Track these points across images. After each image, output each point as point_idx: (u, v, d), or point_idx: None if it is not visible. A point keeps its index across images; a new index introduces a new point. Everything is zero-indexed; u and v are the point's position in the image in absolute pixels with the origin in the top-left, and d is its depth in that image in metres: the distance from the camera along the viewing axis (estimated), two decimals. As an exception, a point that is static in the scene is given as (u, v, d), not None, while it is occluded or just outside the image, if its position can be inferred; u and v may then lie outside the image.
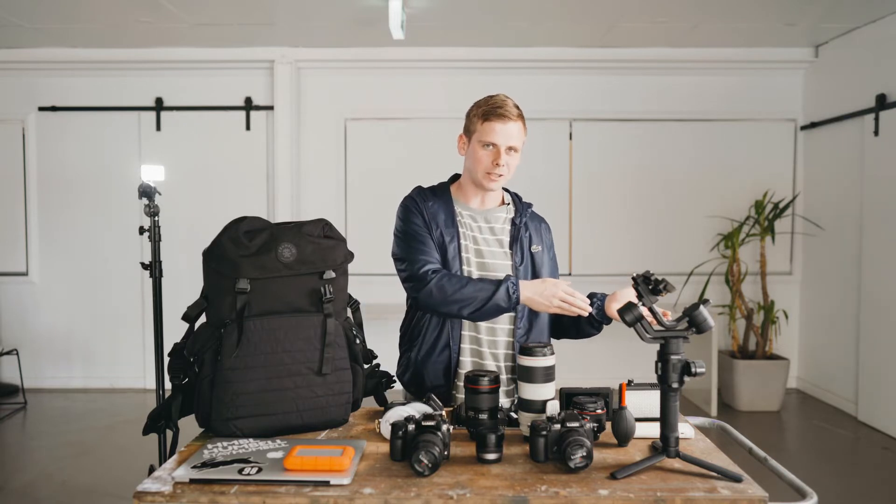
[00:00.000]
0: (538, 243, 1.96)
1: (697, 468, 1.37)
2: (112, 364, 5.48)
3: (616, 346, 4.95)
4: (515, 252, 1.91)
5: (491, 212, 1.96)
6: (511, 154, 1.87)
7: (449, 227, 1.90)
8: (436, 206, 1.93)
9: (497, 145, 1.85)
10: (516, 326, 1.90)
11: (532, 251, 1.94)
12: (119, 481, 3.56)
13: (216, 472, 1.31)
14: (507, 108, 1.86)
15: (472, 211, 1.95)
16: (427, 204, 1.93)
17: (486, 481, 1.31)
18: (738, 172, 5.39)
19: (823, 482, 3.50)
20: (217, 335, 1.58)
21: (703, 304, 1.42)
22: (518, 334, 1.90)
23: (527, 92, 5.37)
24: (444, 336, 1.90)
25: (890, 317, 4.33)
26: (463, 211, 1.95)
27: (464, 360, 1.91)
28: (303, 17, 4.54)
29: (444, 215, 1.92)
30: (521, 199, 2.02)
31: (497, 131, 1.85)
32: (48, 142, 5.44)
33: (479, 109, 1.89)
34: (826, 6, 4.27)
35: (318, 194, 5.42)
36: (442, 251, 1.89)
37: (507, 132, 1.85)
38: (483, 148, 1.87)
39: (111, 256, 5.43)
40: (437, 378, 1.92)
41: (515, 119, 1.86)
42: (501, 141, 1.85)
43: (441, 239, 1.89)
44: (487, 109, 1.86)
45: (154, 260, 2.89)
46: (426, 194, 1.97)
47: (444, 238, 1.89)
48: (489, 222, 1.94)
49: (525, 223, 1.95)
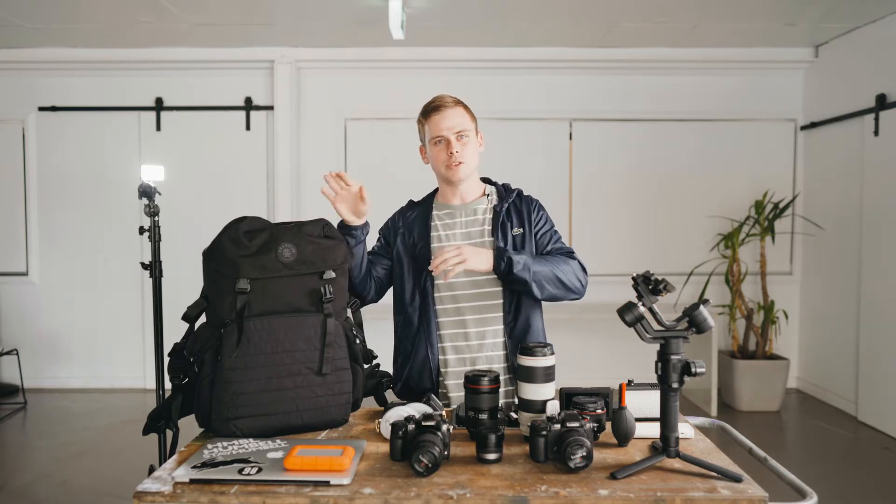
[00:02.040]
0: (519, 226, 1.95)
1: (697, 468, 1.37)
2: (112, 364, 5.48)
3: (616, 346, 4.95)
4: (497, 239, 1.92)
5: (471, 204, 2.00)
6: (463, 140, 1.92)
7: (423, 234, 1.98)
8: (413, 216, 2.03)
9: (444, 136, 1.91)
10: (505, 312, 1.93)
11: (513, 234, 1.94)
12: (119, 481, 3.56)
13: (216, 472, 1.31)
14: (441, 99, 1.93)
15: (453, 208, 2.00)
16: (406, 216, 2.04)
17: (486, 481, 1.31)
18: (738, 172, 5.38)
19: (823, 482, 3.49)
20: (217, 335, 1.58)
21: (703, 304, 1.42)
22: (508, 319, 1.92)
23: (527, 92, 5.42)
24: (421, 345, 1.94)
25: (890, 317, 4.33)
26: (442, 212, 2.01)
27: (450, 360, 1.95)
28: (303, 17, 4.54)
29: (419, 225, 2.00)
30: (508, 188, 2.04)
31: (437, 123, 1.91)
32: (48, 142, 5.44)
33: (420, 113, 1.98)
34: (826, 6, 4.27)
35: (318, 194, 5.39)
36: (413, 255, 1.97)
37: (447, 120, 1.91)
38: (435, 146, 1.94)
39: (111, 256, 5.43)
40: (422, 384, 1.95)
41: (452, 106, 1.92)
42: (445, 131, 1.91)
43: (413, 247, 1.98)
44: (425, 108, 1.96)
45: (154, 260, 2.89)
46: (410, 207, 2.08)
47: (416, 245, 1.98)
48: (471, 214, 1.99)
49: (507, 209, 1.97)
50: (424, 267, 1.94)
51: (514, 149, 5.27)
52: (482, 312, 1.94)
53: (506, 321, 1.93)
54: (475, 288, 1.94)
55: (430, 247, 1.95)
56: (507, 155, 5.15)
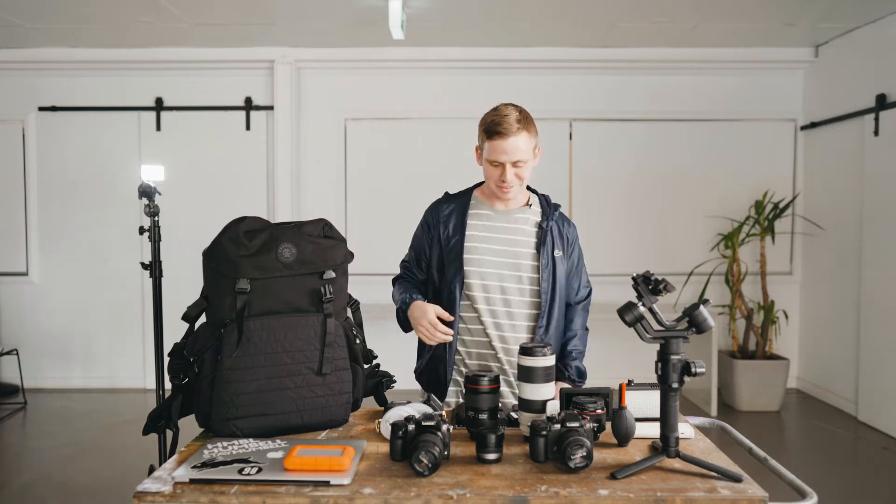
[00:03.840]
0: (560, 248, 1.99)
1: (697, 468, 1.37)
2: (112, 364, 5.48)
3: (616, 346, 4.95)
4: (542, 255, 1.95)
5: (513, 212, 2.00)
6: (519, 166, 1.89)
7: (457, 230, 1.98)
8: (450, 210, 2.02)
9: (502, 163, 1.88)
10: (538, 324, 1.96)
11: (555, 256, 1.98)
12: (119, 481, 3.55)
13: (216, 472, 1.31)
14: (507, 123, 1.86)
15: (496, 212, 2.00)
16: (442, 208, 2.03)
17: (486, 481, 1.31)
18: (738, 172, 5.38)
19: (823, 482, 3.49)
20: (217, 335, 1.58)
21: (702, 304, 1.42)
22: (539, 332, 1.95)
23: (527, 92, 5.41)
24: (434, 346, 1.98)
25: (890, 317, 4.33)
26: (481, 211, 2.01)
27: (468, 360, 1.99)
28: (303, 17, 4.54)
29: (455, 219, 2.00)
30: (549, 201, 2.06)
31: (498, 149, 1.87)
32: (48, 142, 5.44)
33: (484, 125, 1.92)
34: (826, 6, 4.27)
35: (318, 194, 5.42)
36: (445, 250, 1.98)
37: (508, 148, 1.86)
38: (490, 164, 1.91)
39: (111, 256, 5.43)
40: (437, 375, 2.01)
41: (516, 133, 1.86)
42: (505, 158, 1.87)
43: (447, 240, 1.98)
44: (489, 127, 1.89)
45: (154, 260, 2.89)
46: (447, 199, 2.07)
47: (451, 239, 1.98)
48: (514, 223, 1.99)
49: (551, 227, 1.99)
50: (454, 262, 1.95)
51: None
52: (511, 319, 1.97)
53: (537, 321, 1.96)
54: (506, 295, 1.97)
55: (464, 245, 1.95)
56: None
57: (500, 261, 1.95)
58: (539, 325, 1.95)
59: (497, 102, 2.00)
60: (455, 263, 1.95)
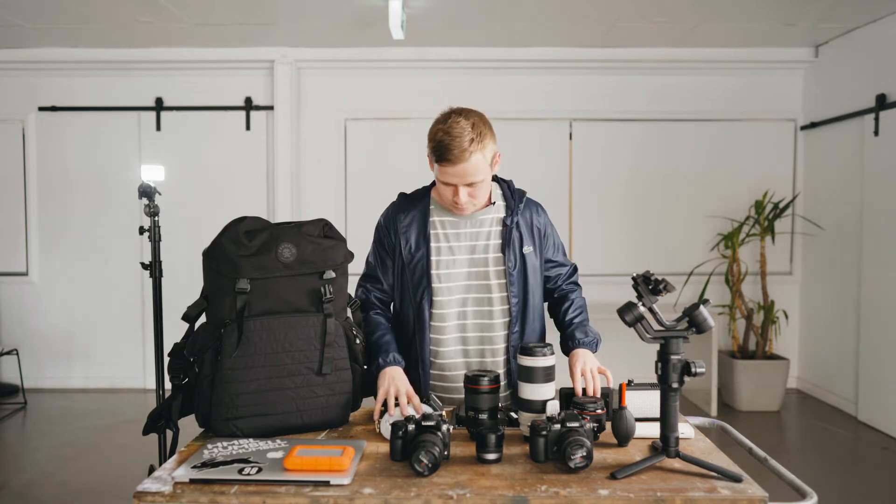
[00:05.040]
0: (529, 243, 1.87)
1: (697, 468, 1.37)
2: (112, 364, 5.47)
3: (616, 346, 4.94)
4: (508, 256, 1.84)
5: (477, 215, 1.86)
6: (474, 185, 1.75)
7: (420, 243, 1.85)
8: (408, 220, 1.87)
9: (452, 184, 1.75)
10: (510, 331, 1.87)
11: (524, 252, 1.86)
12: (119, 481, 3.56)
13: (216, 472, 1.31)
14: (457, 150, 1.69)
15: (456, 217, 1.86)
16: (399, 217, 1.88)
17: (486, 481, 1.31)
18: (738, 172, 5.38)
19: (823, 482, 3.49)
20: (217, 335, 1.58)
21: (702, 304, 1.42)
22: (513, 339, 1.86)
23: (527, 92, 5.42)
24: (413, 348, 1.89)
25: (890, 317, 4.33)
26: (444, 218, 1.87)
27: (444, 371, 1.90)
28: (303, 17, 4.54)
29: (416, 231, 1.86)
30: (512, 189, 1.91)
31: (449, 174, 1.73)
32: (48, 142, 5.44)
33: (432, 143, 1.75)
34: (826, 6, 4.27)
35: (318, 194, 5.42)
36: (408, 266, 1.85)
37: (459, 173, 1.72)
38: (443, 183, 1.78)
39: (111, 256, 5.43)
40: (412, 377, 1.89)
41: (467, 159, 1.69)
42: (456, 181, 1.74)
43: (410, 256, 1.85)
44: (437, 148, 1.72)
45: (154, 260, 2.89)
46: (403, 206, 1.91)
47: (413, 255, 1.85)
48: (478, 226, 1.86)
49: (516, 223, 1.86)
50: (421, 279, 1.84)
51: (513, 149, 5.24)
52: (482, 331, 1.87)
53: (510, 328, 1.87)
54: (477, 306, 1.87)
55: (430, 259, 1.83)
56: (506, 155, 5.05)
57: (469, 271, 1.85)
58: (512, 331, 1.85)
59: (497, 102, 1.98)
60: (423, 282, 1.83)
